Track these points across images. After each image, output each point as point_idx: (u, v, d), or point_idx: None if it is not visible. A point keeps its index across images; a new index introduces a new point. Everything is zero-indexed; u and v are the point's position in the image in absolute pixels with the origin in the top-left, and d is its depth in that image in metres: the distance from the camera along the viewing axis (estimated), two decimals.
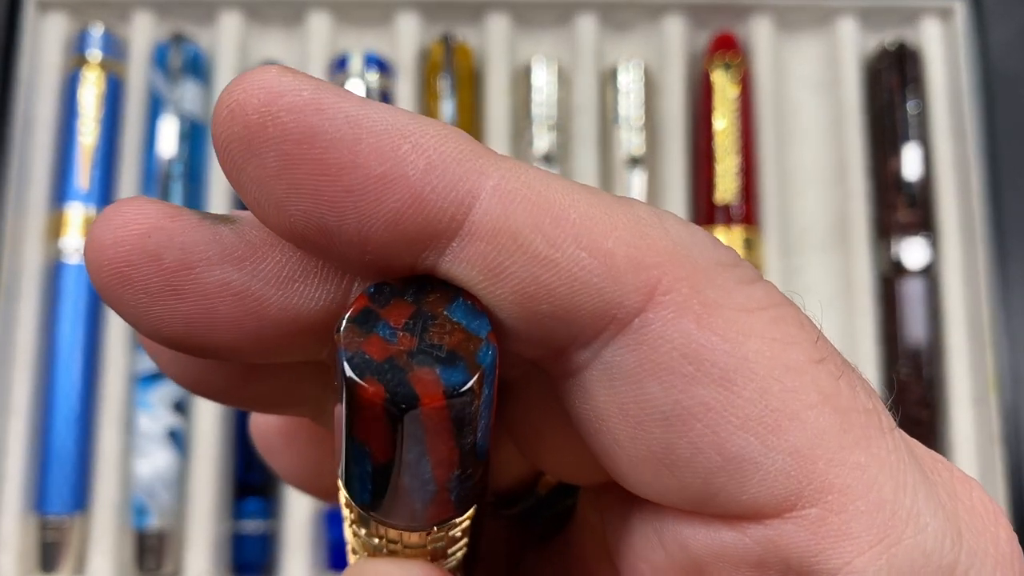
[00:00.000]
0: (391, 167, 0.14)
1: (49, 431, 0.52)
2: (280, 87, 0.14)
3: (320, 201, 0.14)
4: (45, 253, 0.54)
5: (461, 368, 0.14)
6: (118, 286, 0.15)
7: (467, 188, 0.14)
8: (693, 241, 0.15)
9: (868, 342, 0.52)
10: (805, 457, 0.14)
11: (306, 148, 0.14)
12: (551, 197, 0.15)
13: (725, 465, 0.15)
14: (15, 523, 0.51)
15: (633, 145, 0.55)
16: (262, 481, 0.53)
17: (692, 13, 0.57)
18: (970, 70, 0.55)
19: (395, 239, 0.14)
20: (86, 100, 0.55)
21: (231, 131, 0.14)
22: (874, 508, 0.14)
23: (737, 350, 0.14)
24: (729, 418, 0.14)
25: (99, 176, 0.54)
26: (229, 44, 0.56)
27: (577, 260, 0.14)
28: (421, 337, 0.14)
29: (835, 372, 0.15)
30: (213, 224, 0.16)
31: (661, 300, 0.15)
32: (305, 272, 0.16)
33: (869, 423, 0.15)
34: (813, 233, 0.55)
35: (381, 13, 0.57)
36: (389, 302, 0.15)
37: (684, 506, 0.16)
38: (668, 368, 0.15)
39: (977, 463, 0.51)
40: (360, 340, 0.14)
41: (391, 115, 0.14)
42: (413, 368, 0.14)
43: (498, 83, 0.55)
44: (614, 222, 0.15)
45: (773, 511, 0.15)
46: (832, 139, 0.56)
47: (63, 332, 0.52)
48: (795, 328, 0.15)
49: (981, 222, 0.53)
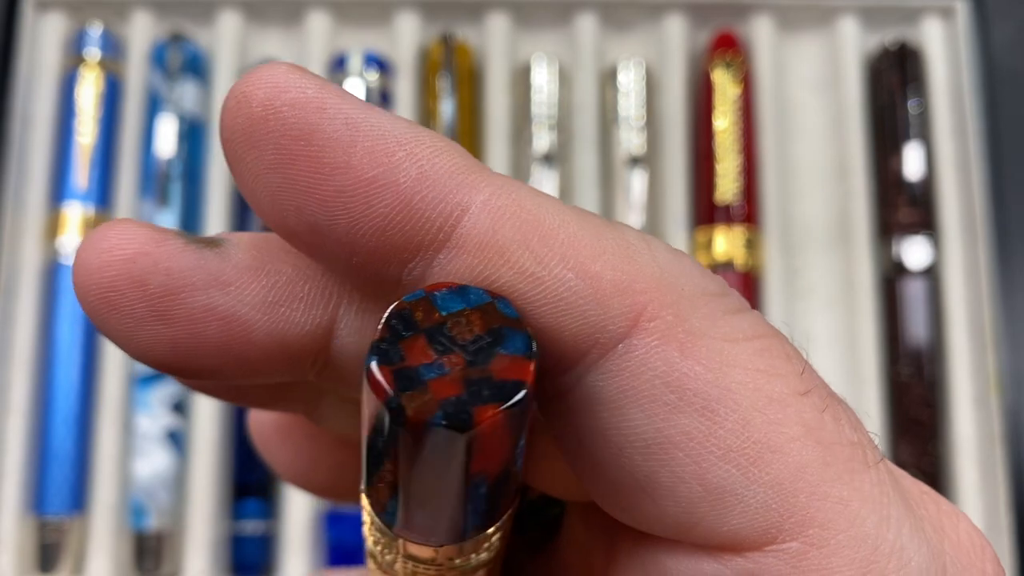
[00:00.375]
0: (383, 172, 0.14)
1: (48, 431, 0.51)
2: (286, 83, 0.14)
3: (313, 199, 0.14)
4: (43, 252, 0.53)
5: (507, 385, 0.14)
6: (104, 310, 0.15)
7: (457, 200, 0.14)
8: (680, 269, 0.15)
9: (869, 342, 0.52)
10: (786, 490, 0.14)
11: (303, 145, 0.14)
12: (540, 216, 0.15)
13: (706, 496, 0.15)
14: (13, 524, 0.50)
15: (633, 145, 0.55)
16: (261, 482, 0.52)
17: (693, 12, 0.57)
18: (971, 69, 0.55)
19: (383, 245, 0.15)
20: (84, 99, 0.55)
21: (235, 122, 0.15)
22: (856, 542, 0.14)
23: (720, 380, 0.14)
24: (711, 448, 0.14)
25: (97, 176, 0.54)
26: (228, 43, 0.56)
27: (563, 280, 0.14)
28: (464, 350, 0.14)
29: (820, 405, 0.15)
30: (199, 248, 0.16)
31: (646, 327, 0.14)
32: (291, 297, 0.16)
33: (853, 456, 0.15)
34: (814, 233, 0.55)
35: (380, 12, 0.57)
36: (425, 312, 0.14)
37: (664, 534, 0.16)
38: (650, 396, 0.14)
39: (978, 464, 0.51)
40: (397, 351, 0.14)
41: (390, 122, 0.14)
42: (455, 384, 0.13)
43: (498, 82, 0.55)
44: (603, 245, 0.15)
45: (753, 544, 0.15)
46: (833, 138, 0.56)
47: (62, 332, 0.52)
48: (780, 360, 0.15)
49: (983, 222, 0.53)
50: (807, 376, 0.15)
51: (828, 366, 0.52)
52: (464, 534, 0.16)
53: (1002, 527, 0.50)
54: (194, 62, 0.56)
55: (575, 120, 0.55)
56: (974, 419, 0.52)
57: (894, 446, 0.52)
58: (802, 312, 0.54)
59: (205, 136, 0.55)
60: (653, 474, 0.15)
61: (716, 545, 0.15)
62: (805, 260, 0.55)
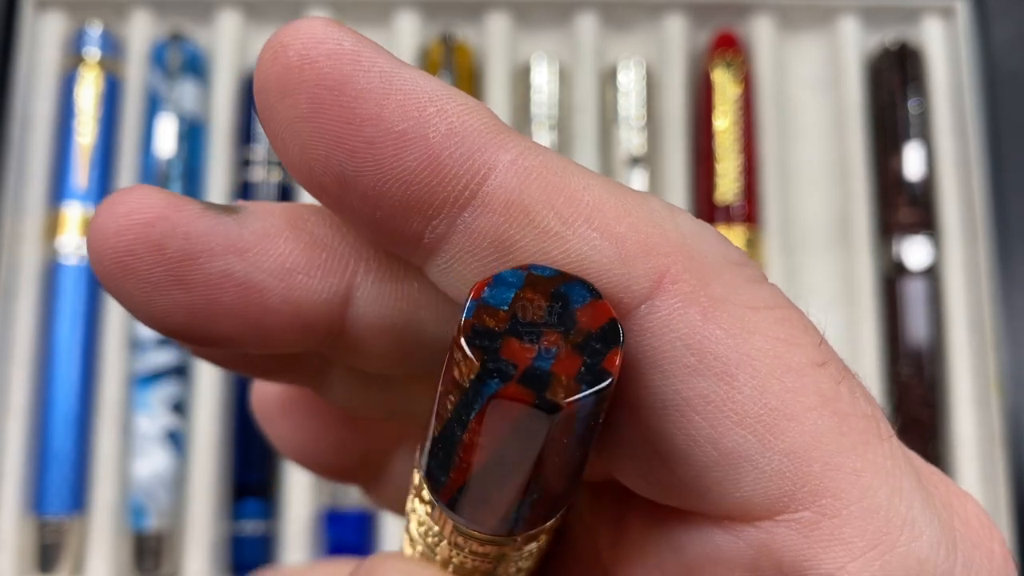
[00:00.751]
0: (413, 125, 0.14)
1: (47, 432, 0.51)
2: (323, 35, 0.15)
3: (342, 148, 0.15)
4: (43, 252, 0.53)
5: (591, 373, 0.14)
6: (120, 275, 0.15)
7: (484, 159, 0.14)
8: (704, 237, 0.15)
9: (870, 342, 0.52)
10: (801, 459, 0.14)
11: (336, 95, 0.14)
12: (567, 178, 0.15)
13: (720, 460, 0.15)
14: (13, 524, 0.50)
15: (633, 144, 0.55)
16: (261, 482, 0.52)
17: (693, 12, 0.57)
18: (972, 69, 0.55)
19: (408, 199, 0.15)
20: (84, 99, 0.55)
21: (271, 71, 0.15)
22: (868, 513, 0.14)
23: (741, 345, 0.14)
24: (728, 413, 0.14)
25: (97, 175, 0.54)
26: (228, 43, 0.56)
27: (588, 239, 0.15)
28: (550, 326, 0.14)
29: (836, 376, 0.15)
30: (217, 214, 0.16)
31: (669, 288, 0.15)
32: (308, 264, 0.16)
33: (867, 429, 0.15)
34: (814, 233, 0.55)
35: (380, 12, 0.57)
36: (536, 287, 0.14)
37: (675, 502, 0.16)
38: (671, 357, 0.15)
39: (979, 463, 0.51)
40: (488, 309, 0.14)
41: (423, 79, 0.15)
42: (522, 359, 0.13)
43: (498, 82, 0.55)
44: (627, 208, 0.15)
45: (766, 512, 0.15)
46: (833, 138, 0.56)
47: (61, 332, 0.52)
48: (799, 330, 0.15)
49: (983, 221, 0.53)
50: (824, 348, 0.15)
51: None
52: (519, 524, 0.16)
53: (1002, 526, 0.50)
54: (194, 62, 0.56)
55: (575, 120, 0.55)
56: (974, 419, 0.52)
57: None
58: None
59: (205, 136, 0.55)
60: (669, 437, 0.15)
61: (727, 514, 0.15)
62: (805, 260, 0.55)
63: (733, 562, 0.15)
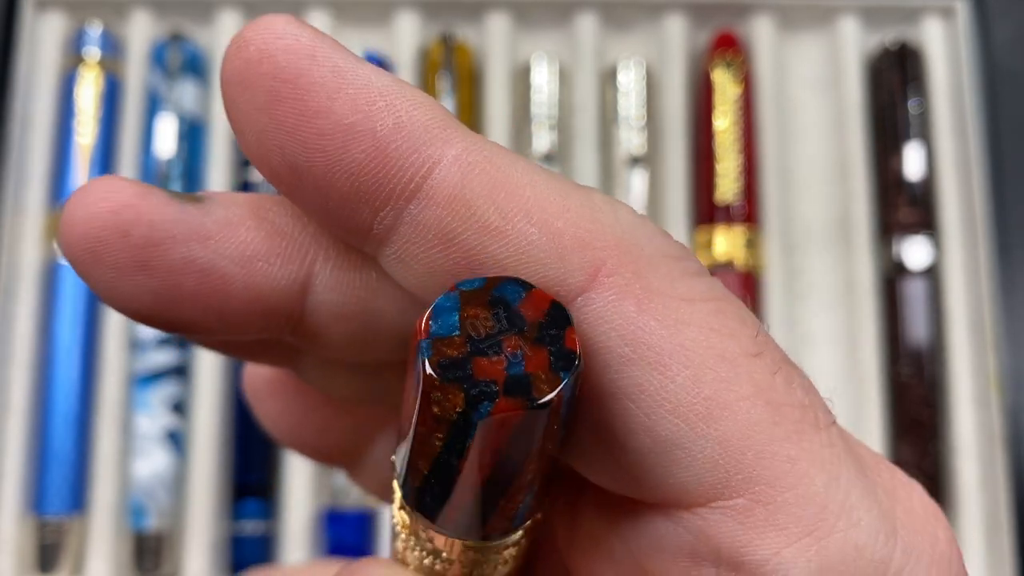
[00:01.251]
0: (361, 119, 0.15)
1: (47, 432, 0.51)
2: (283, 31, 0.15)
3: (295, 139, 0.15)
4: (43, 253, 0.53)
5: (560, 358, 0.14)
6: (89, 260, 0.16)
7: (429, 153, 0.15)
8: (643, 231, 0.16)
9: (869, 342, 0.52)
10: (734, 447, 0.15)
11: (291, 87, 0.15)
12: (510, 173, 0.15)
13: (655, 448, 0.15)
14: (13, 524, 0.50)
15: (633, 144, 0.55)
16: (261, 482, 0.52)
17: (693, 12, 0.57)
18: (972, 69, 0.55)
19: (356, 190, 0.15)
20: (84, 99, 0.55)
21: (232, 64, 0.16)
22: (803, 501, 0.15)
23: (675, 336, 0.15)
24: (661, 402, 0.15)
25: (97, 175, 0.54)
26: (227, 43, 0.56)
27: (525, 234, 0.15)
28: (508, 343, 0.14)
29: (771, 367, 0.15)
30: (181, 203, 0.16)
31: (604, 281, 0.15)
32: (268, 252, 0.16)
33: (803, 418, 0.15)
34: (814, 232, 0.55)
35: (380, 12, 0.57)
36: (474, 302, 0.14)
37: (621, 489, 0.16)
38: (606, 348, 0.15)
39: (979, 463, 0.51)
40: (443, 340, 0.14)
41: (376, 75, 0.15)
42: (496, 374, 0.14)
43: (498, 82, 0.55)
44: (567, 204, 0.15)
45: (701, 499, 0.15)
46: (833, 138, 0.56)
47: (61, 332, 0.52)
48: (735, 321, 0.15)
49: (983, 221, 0.53)
50: (761, 339, 0.16)
51: (828, 366, 0.52)
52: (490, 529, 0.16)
53: (1002, 527, 0.50)
54: (194, 62, 0.56)
55: (575, 120, 0.55)
56: (974, 419, 0.52)
57: (894, 446, 0.52)
58: (802, 312, 0.54)
59: (205, 136, 0.55)
60: (608, 425, 0.15)
61: (664, 500, 0.15)
62: (805, 260, 0.55)
63: (675, 549, 0.16)
